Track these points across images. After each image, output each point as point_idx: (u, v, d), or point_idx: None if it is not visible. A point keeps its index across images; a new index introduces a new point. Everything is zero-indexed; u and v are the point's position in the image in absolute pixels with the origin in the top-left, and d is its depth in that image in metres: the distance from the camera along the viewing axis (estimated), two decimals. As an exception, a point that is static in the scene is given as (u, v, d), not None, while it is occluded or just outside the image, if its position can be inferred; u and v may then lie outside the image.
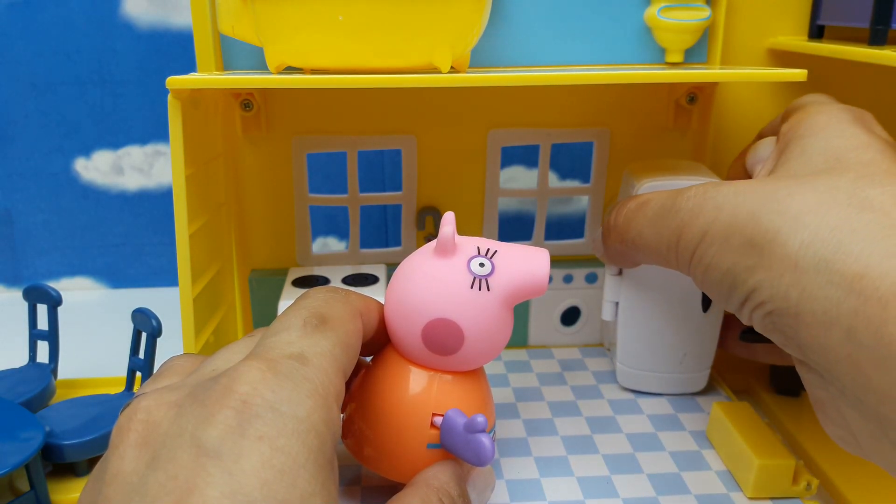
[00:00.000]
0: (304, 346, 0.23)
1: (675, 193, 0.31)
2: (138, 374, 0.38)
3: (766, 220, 0.26)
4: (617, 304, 0.39)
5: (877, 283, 0.23)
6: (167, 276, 0.62)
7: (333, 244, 0.61)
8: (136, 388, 0.38)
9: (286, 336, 0.24)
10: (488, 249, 0.28)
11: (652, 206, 0.32)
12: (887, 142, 0.28)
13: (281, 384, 0.21)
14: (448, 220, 0.28)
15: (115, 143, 0.58)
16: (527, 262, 0.28)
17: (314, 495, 0.20)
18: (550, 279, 0.45)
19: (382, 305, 0.29)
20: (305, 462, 0.20)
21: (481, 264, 0.28)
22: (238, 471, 0.19)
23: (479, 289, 0.28)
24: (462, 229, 0.37)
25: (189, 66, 0.38)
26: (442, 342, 0.28)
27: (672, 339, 0.40)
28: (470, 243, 0.29)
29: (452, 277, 0.28)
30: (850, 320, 0.24)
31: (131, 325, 0.38)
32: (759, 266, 0.27)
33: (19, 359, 0.41)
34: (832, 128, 0.29)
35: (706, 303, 0.39)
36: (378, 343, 0.30)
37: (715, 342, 0.40)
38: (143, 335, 0.38)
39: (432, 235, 0.45)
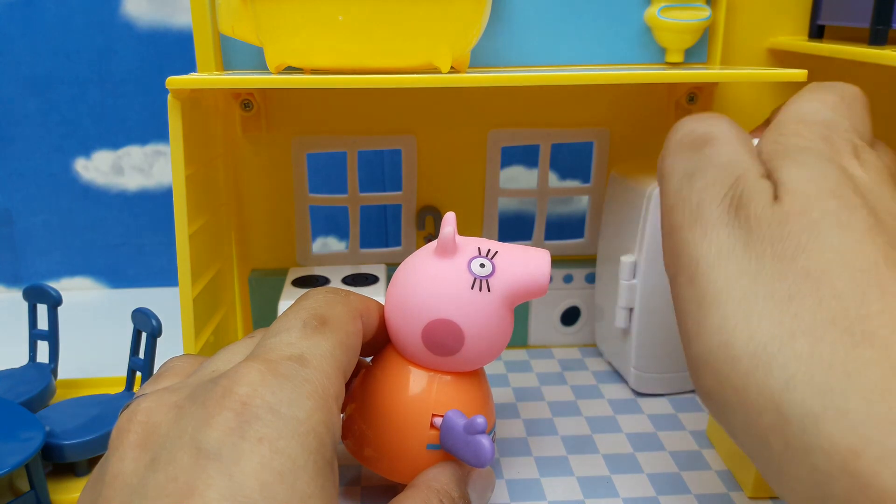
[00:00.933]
0: (305, 347, 0.23)
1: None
2: (138, 374, 0.38)
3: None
4: (631, 310, 0.39)
5: (877, 467, 0.18)
6: (167, 276, 0.62)
7: (333, 244, 0.61)
8: (136, 388, 0.38)
9: (286, 337, 0.24)
10: (489, 250, 0.28)
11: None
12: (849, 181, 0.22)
13: (281, 386, 0.21)
14: (449, 221, 0.28)
15: (115, 143, 0.58)
16: (527, 263, 0.28)
17: (314, 497, 0.20)
18: (550, 279, 0.45)
19: (382, 306, 0.29)
20: (305, 464, 0.20)
21: (482, 265, 0.28)
22: (238, 473, 0.19)
23: (480, 289, 0.28)
24: (462, 229, 0.37)
25: (189, 66, 0.38)
26: (442, 343, 0.28)
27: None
28: (471, 244, 0.29)
29: (453, 278, 0.28)
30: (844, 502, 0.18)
31: (131, 325, 0.38)
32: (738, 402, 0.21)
33: (19, 359, 0.41)
34: (802, 160, 0.23)
35: None
36: (378, 343, 0.30)
37: None
38: (143, 335, 0.38)
39: (432, 235, 0.45)
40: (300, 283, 0.41)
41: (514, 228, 0.52)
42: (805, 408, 0.19)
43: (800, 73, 0.32)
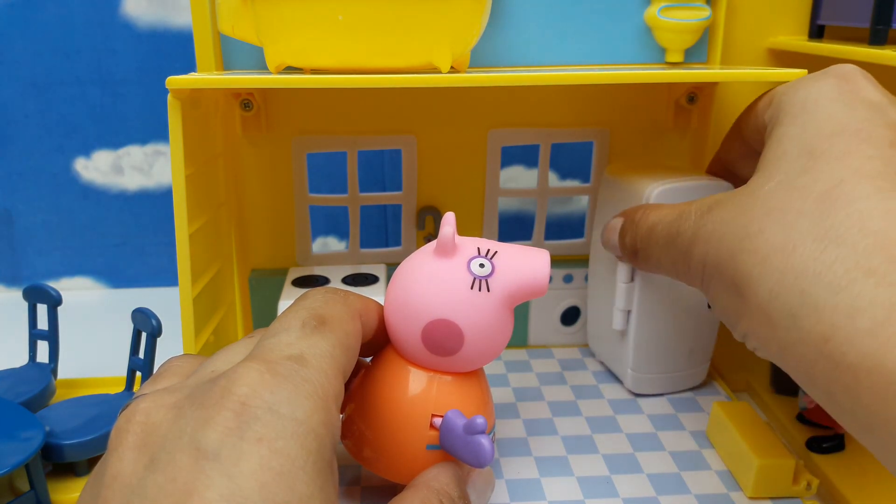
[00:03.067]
0: (304, 347, 0.23)
1: (676, 216, 0.30)
2: (138, 374, 0.38)
3: (741, 263, 0.25)
4: (629, 312, 0.39)
5: (844, 348, 0.22)
6: (167, 276, 0.62)
7: (333, 244, 0.61)
8: (136, 387, 0.38)
9: (285, 337, 0.24)
10: (488, 250, 0.28)
11: (660, 233, 0.31)
12: (868, 112, 0.26)
13: (280, 386, 0.21)
14: (448, 221, 0.28)
15: (115, 143, 0.58)
16: (527, 263, 0.28)
17: (312, 497, 0.20)
18: (550, 279, 0.45)
19: (382, 306, 0.29)
20: (304, 464, 0.20)
21: (481, 265, 0.28)
22: (237, 473, 0.19)
23: (479, 289, 0.28)
24: (462, 229, 0.37)
25: (189, 66, 0.38)
26: (441, 343, 0.28)
27: (680, 338, 0.40)
28: (470, 244, 0.29)
29: (452, 278, 0.28)
30: (827, 384, 0.23)
31: (131, 325, 0.38)
32: (743, 313, 0.26)
33: (19, 359, 0.41)
34: (809, 111, 0.27)
35: None
36: (377, 344, 0.30)
37: (715, 334, 0.41)
38: (143, 335, 0.38)
39: (432, 235, 0.45)
40: (300, 283, 0.41)
41: (514, 228, 0.52)
42: (786, 310, 0.23)
43: (800, 73, 0.32)
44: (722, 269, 0.27)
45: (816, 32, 0.41)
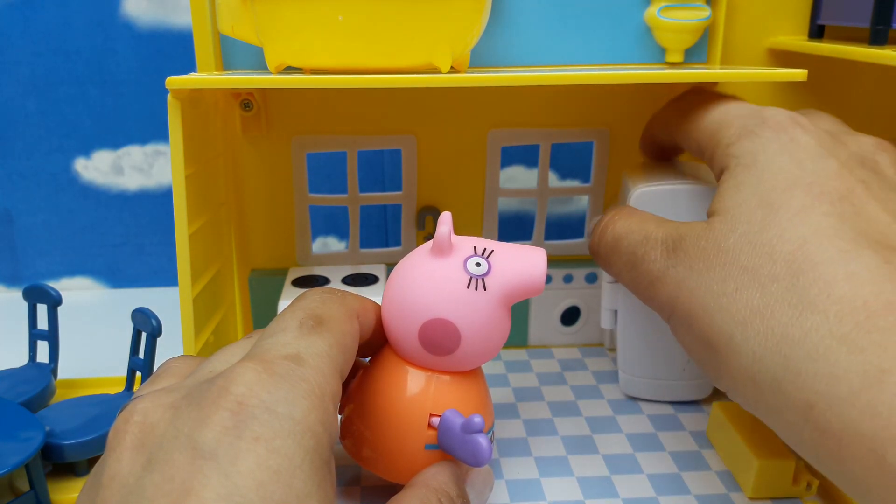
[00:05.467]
0: (301, 347, 0.23)
1: (642, 239, 0.30)
2: (138, 374, 0.38)
3: (718, 321, 0.26)
4: (615, 311, 0.39)
5: (827, 415, 0.22)
6: (167, 276, 0.62)
7: (333, 244, 0.61)
8: (136, 387, 0.38)
9: (282, 337, 0.24)
10: (485, 249, 0.28)
11: (623, 249, 0.31)
12: (813, 163, 0.27)
13: (277, 385, 0.21)
14: (444, 220, 0.28)
15: (115, 143, 0.58)
16: (523, 262, 0.28)
17: (310, 496, 0.20)
18: (550, 279, 0.45)
19: (380, 306, 0.29)
20: (301, 463, 0.20)
21: (478, 264, 0.28)
22: (234, 472, 0.19)
23: (476, 288, 0.28)
24: (462, 229, 0.37)
25: (189, 66, 0.38)
26: (439, 342, 0.28)
27: (673, 347, 0.39)
28: (467, 243, 0.29)
29: (449, 277, 0.28)
30: (814, 449, 0.23)
31: (131, 325, 0.38)
32: (724, 371, 0.26)
33: (19, 359, 0.41)
34: (759, 163, 0.27)
35: None
36: (375, 344, 0.30)
37: None
38: (143, 335, 0.38)
39: (432, 235, 0.45)
40: (300, 283, 0.41)
41: (514, 228, 0.52)
42: (770, 375, 0.24)
43: (800, 73, 0.32)
44: (693, 321, 0.27)
45: (816, 32, 0.41)
